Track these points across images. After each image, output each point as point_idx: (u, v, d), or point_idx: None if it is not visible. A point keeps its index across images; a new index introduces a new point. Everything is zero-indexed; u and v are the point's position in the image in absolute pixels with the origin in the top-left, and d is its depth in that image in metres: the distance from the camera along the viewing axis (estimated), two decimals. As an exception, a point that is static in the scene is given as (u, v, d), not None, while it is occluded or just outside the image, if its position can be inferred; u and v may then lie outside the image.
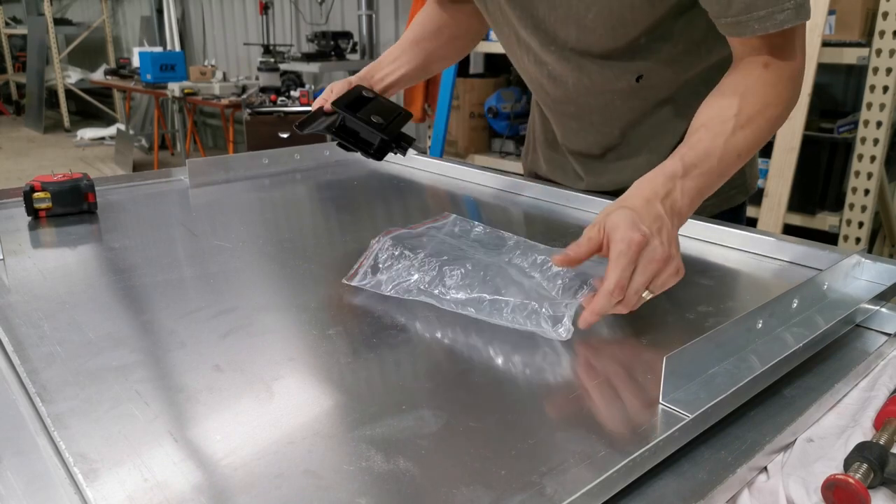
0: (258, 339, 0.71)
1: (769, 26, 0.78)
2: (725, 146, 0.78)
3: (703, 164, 0.77)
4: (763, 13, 0.77)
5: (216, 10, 6.52)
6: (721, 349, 0.64)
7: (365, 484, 0.50)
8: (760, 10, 0.77)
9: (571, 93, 1.06)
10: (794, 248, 0.94)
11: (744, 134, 0.79)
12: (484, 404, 0.61)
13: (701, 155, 0.77)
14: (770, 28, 0.78)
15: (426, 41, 1.18)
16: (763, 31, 0.79)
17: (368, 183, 1.39)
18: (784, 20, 0.77)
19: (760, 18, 0.78)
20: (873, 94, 2.24)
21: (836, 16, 2.31)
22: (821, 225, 2.47)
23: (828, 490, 0.53)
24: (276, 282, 0.88)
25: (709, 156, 0.77)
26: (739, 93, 0.81)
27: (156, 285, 0.85)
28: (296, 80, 4.78)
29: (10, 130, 8.15)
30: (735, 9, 0.79)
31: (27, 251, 0.96)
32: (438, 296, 0.78)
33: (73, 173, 1.13)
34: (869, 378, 0.72)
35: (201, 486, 0.49)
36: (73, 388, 0.61)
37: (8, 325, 0.72)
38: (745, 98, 0.80)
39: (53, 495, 0.49)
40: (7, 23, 8.88)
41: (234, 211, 1.20)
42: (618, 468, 0.50)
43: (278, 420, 0.57)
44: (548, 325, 0.71)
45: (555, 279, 0.78)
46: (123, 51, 8.00)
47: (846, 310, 0.75)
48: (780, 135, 2.39)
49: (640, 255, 0.69)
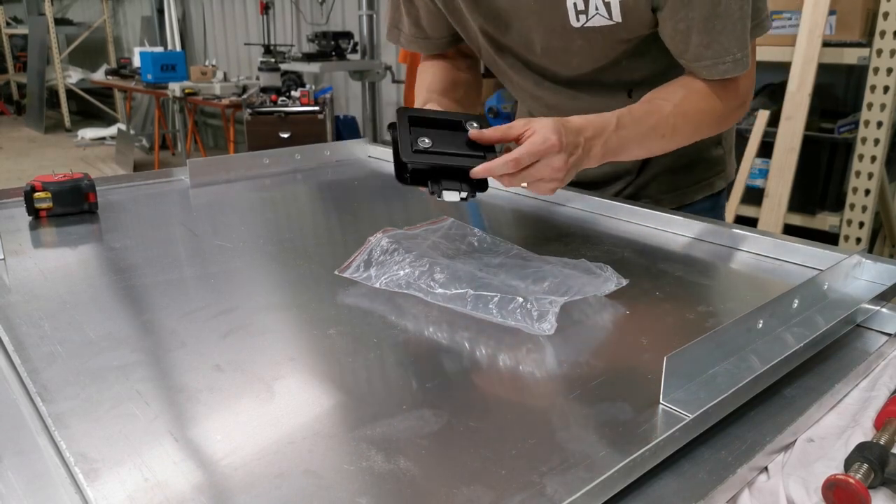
0: (258, 339, 0.71)
1: (714, 73, 0.93)
2: (656, 123, 0.91)
3: (631, 128, 0.89)
4: (708, 63, 0.92)
5: (217, 10, 6.52)
6: (721, 349, 0.64)
7: (365, 484, 0.50)
8: (706, 61, 0.92)
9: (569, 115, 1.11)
10: (794, 248, 0.94)
11: (673, 122, 0.92)
12: (484, 404, 0.61)
13: (635, 120, 0.90)
14: (715, 75, 0.93)
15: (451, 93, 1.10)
16: (710, 77, 0.94)
17: (368, 183, 1.39)
18: (725, 70, 0.92)
19: (707, 67, 0.92)
20: (874, 94, 2.24)
21: (837, 16, 2.31)
22: (821, 225, 2.47)
23: (828, 490, 0.53)
24: (276, 282, 0.88)
25: (639, 124, 0.90)
26: (687, 90, 0.95)
27: (156, 285, 0.85)
28: (296, 80, 4.78)
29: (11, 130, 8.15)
30: (687, 56, 0.93)
31: (28, 251, 0.96)
32: (426, 289, 0.79)
33: (74, 173, 1.13)
34: (869, 378, 0.72)
35: (202, 485, 0.49)
36: (73, 387, 0.61)
37: (8, 325, 0.73)
38: (688, 96, 0.94)
39: (54, 495, 0.49)
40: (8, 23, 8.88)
41: (234, 211, 1.20)
42: (618, 468, 0.50)
43: (278, 420, 0.57)
44: (532, 320, 0.72)
45: (541, 282, 0.80)
46: (124, 51, 8.00)
47: (846, 310, 0.75)
48: (781, 135, 2.39)
49: (546, 155, 0.80)
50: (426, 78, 1.12)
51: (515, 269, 0.84)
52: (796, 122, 2.35)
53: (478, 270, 0.83)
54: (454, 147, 0.84)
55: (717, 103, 0.95)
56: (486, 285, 0.78)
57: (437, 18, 1.07)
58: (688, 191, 1.18)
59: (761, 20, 0.93)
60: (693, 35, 0.90)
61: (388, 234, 0.89)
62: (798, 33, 2.34)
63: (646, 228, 1.08)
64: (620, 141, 0.88)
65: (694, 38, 0.90)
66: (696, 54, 0.92)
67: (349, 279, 0.84)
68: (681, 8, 0.88)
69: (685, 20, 0.89)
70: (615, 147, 0.88)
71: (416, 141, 0.83)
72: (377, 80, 4.67)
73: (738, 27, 0.89)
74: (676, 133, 0.93)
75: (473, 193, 0.84)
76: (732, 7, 0.87)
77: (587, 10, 0.92)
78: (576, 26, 0.94)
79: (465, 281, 0.79)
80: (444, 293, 0.78)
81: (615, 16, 0.91)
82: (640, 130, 0.90)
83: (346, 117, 5.05)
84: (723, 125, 1.00)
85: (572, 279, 0.81)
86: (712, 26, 0.88)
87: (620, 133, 0.88)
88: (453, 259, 0.86)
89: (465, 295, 0.77)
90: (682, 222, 1.05)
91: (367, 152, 1.57)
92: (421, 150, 0.83)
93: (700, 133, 0.98)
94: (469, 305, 0.76)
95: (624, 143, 0.89)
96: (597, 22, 0.93)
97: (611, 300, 0.81)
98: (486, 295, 0.76)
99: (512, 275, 0.82)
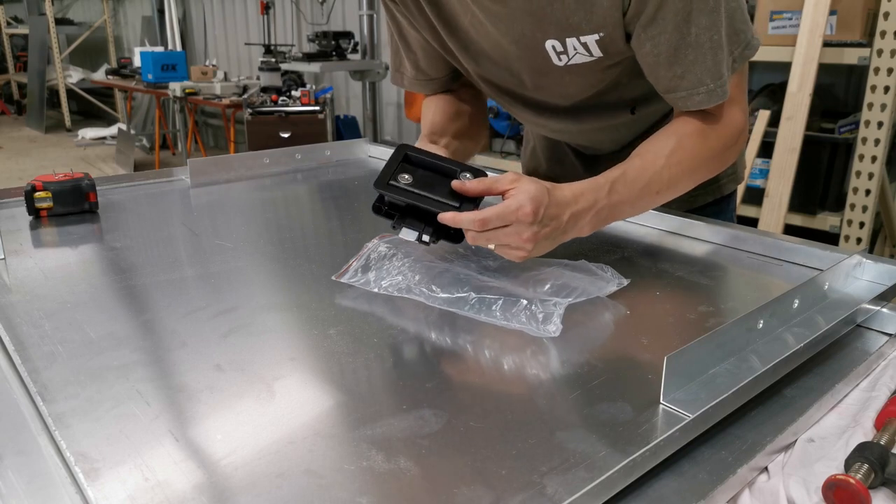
0: (259, 339, 0.71)
1: (690, 105, 0.89)
2: (649, 181, 0.86)
3: (625, 192, 0.85)
4: (683, 94, 0.88)
5: (217, 10, 6.52)
6: (722, 349, 0.64)
7: (366, 483, 0.50)
8: (681, 92, 0.88)
9: (576, 135, 1.14)
10: (794, 248, 0.94)
11: (668, 175, 0.88)
12: (484, 404, 0.61)
13: (629, 182, 0.85)
14: (691, 106, 0.89)
15: (452, 126, 1.09)
16: (686, 108, 0.90)
17: (369, 183, 1.39)
18: (700, 101, 0.88)
19: (681, 98, 0.89)
20: (874, 94, 2.24)
21: (838, 16, 2.31)
22: (822, 225, 2.47)
23: (828, 490, 0.53)
24: (276, 281, 0.88)
25: (632, 186, 0.86)
26: (678, 136, 0.90)
27: (157, 285, 0.85)
28: (297, 79, 4.78)
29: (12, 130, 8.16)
30: (661, 87, 0.90)
31: (28, 251, 0.96)
32: (427, 293, 0.79)
33: (75, 173, 1.13)
34: (870, 378, 0.72)
35: (202, 485, 0.49)
36: (74, 387, 0.61)
37: (9, 325, 0.73)
38: (681, 142, 0.89)
39: (54, 494, 0.49)
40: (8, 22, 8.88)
41: (235, 211, 1.20)
42: (618, 468, 0.50)
43: (279, 419, 0.57)
44: (537, 323, 0.72)
45: (543, 284, 0.80)
46: (125, 50, 8.00)
47: (847, 310, 0.75)
48: (782, 135, 2.39)
49: (516, 223, 0.76)
50: (427, 114, 1.11)
51: (515, 270, 0.84)
52: (797, 122, 2.35)
53: (478, 273, 0.83)
54: (433, 191, 0.81)
55: (712, 143, 0.91)
56: (488, 288, 0.78)
57: (435, 60, 1.07)
58: (696, 194, 1.16)
59: (746, 43, 0.89)
60: (663, 66, 0.87)
61: (385, 239, 0.89)
62: (798, 33, 2.34)
63: (646, 228, 1.08)
64: (613, 208, 0.84)
65: (664, 70, 0.87)
66: (668, 85, 0.88)
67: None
68: (647, 41, 0.85)
69: (654, 52, 0.86)
70: (607, 216, 0.85)
71: (397, 175, 0.82)
72: (378, 79, 4.67)
73: (709, 57, 0.85)
74: (672, 185, 0.89)
75: (437, 239, 0.82)
76: (702, 37, 0.84)
77: (566, 50, 0.90)
78: (559, 65, 0.92)
79: (467, 284, 0.79)
80: (446, 297, 0.78)
81: (595, 53, 0.89)
82: (634, 192, 0.86)
83: (346, 117, 5.05)
84: (721, 165, 0.95)
85: (574, 280, 0.81)
86: (683, 56, 0.85)
87: (613, 198, 0.84)
88: (452, 262, 0.85)
89: (468, 298, 0.77)
90: (682, 222, 1.05)
91: (368, 152, 1.57)
92: (398, 184, 0.81)
93: (697, 179, 0.93)
94: (472, 309, 0.76)
95: (617, 208, 0.85)
96: (579, 60, 0.91)
97: (611, 300, 0.81)
98: (489, 298, 0.76)
99: (512, 277, 0.82)
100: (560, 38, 0.88)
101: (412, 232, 0.82)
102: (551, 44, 0.90)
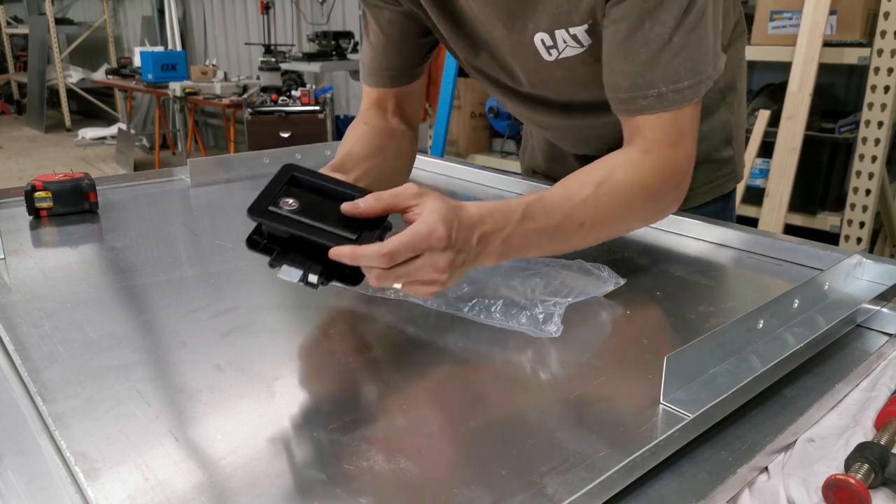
0: (259, 339, 0.71)
1: (631, 110, 0.80)
2: (571, 210, 0.76)
3: (541, 219, 0.74)
4: (625, 95, 0.80)
5: (217, 10, 6.52)
6: (722, 349, 0.64)
7: (365, 484, 0.50)
8: (623, 94, 0.80)
9: (567, 133, 1.11)
10: (794, 248, 0.94)
11: (595, 205, 0.77)
12: (484, 404, 0.61)
13: (547, 208, 0.75)
14: (633, 112, 0.80)
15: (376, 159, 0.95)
16: (626, 114, 0.81)
17: (369, 183, 1.39)
18: (647, 106, 0.79)
19: (624, 101, 0.80)
20: (874, 94, 2.24)
21: (838, 16, 2.31)
22: (822, 225, 2.47)
23: (828, 490, 0.53)
24: (276, 281, 0.88)
25: (550, 214, 0.75)
26: (609, 167, 0.80)
27: (157, 285, 0.85)
28: (297, 79, 4.78)
29: (12, 130, 8.15)
30: (608, 86, 0.82)
31: (28, 250, 0.96)
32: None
33: (75, 173, 1.13)
34: (870, 378, 0.72)
35: (202, 485, 0.49)
36: (74, 387, 0.61)
37: (9, 325, 0.73)
38: (612, 173, 0.79)
39: (54, 494, 0.49)
40: (8, 22, 8.88)
41: (235, 210, 1.20)
42: (618, 468, 0.50)
43: (279, 419, 0.57)
44: (537, 324, 0.72)
45: (541, 284, 0.80)
46: (125, 50, 8.00)
47: (847, 310, 0.75)
48: (782, 135, 2.39)
49: (429, 251, 0.64)
50: (347, 142, 0.98)
51: (513, 271, 0.83)
52: (797, 122, 2.35)
53: (476, 275, 0.82)
54: (324, 220, 0.66)
55: (648, 176, 0.80)
56: (486, 289, 0.78)
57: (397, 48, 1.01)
58: (695, 193, 1.15)
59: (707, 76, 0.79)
60: (613, 59, 0.79)
61: None
62: (799, 33, 2.34)
63: (645, 228, 1.08)
64: (525, 235, 0.73)
65: (614, 63, 0.79)
66: (613, 83, 0.79)
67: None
68: (610, 24, 0.77)
69: (609, 40, 0.78)
70: (518, 245, 0.73)
71: (279, 200, 0.67)
72: (378, 79, 4.67)
73: (666, 57, 0.76)
74: (602, 221, 0.79)
75: (327, 280, 0.68)
76: (660, 32, 0.75)
77: (556, 44, 0.86)
78: (549, 60, 0.89)
79: (465, 285, 0.79)
80: (445, 298, 0.77)
81: (584, 42, 0.85)
82: (552, 221, 0.74)
83: (346, 117, 5.05)
84: (659, 209, 0.85)
85: (572, 280, 0.81)
86: (635, 52, 0.77)
87: (526, 225, 0.72)
88: None
89: (467, 300, 0.77)
90: (682, 222, 1.05)
91: (368, 152, 1.57)
92: (280, 211, 0.66)
93: (631, 217, 0.83)
94: (472, 311, 0.75)
95: (530, 237, 0.73)
96: (569, 52, 0.86)
97: (611, 300, 0.81)
98: (489, 300, 0.76)
99: (510, 277, 0.82)
100: (549, 31, 0.86)
101: (295, 271, 0.67)
102: (540, 37, 0.87)
